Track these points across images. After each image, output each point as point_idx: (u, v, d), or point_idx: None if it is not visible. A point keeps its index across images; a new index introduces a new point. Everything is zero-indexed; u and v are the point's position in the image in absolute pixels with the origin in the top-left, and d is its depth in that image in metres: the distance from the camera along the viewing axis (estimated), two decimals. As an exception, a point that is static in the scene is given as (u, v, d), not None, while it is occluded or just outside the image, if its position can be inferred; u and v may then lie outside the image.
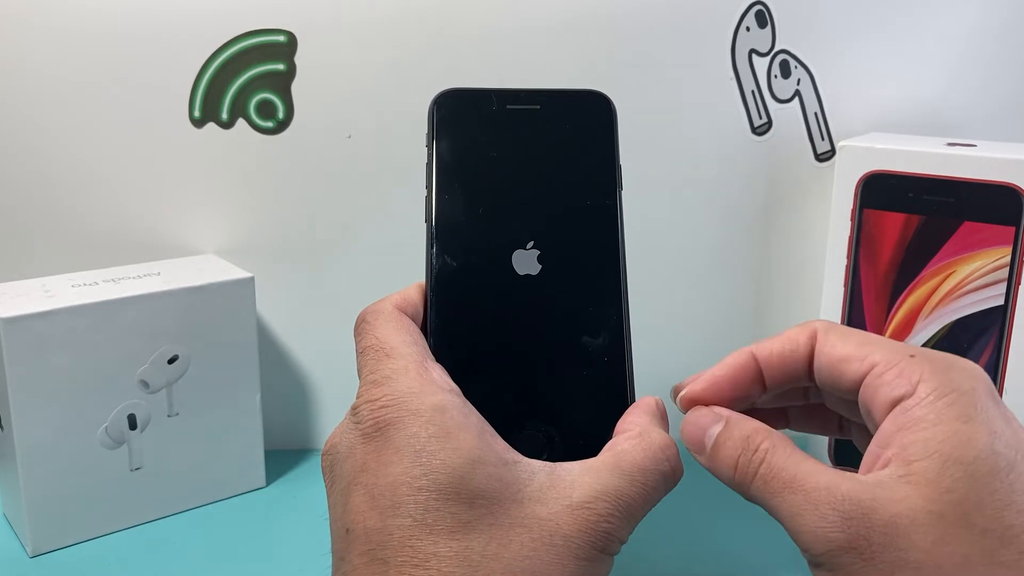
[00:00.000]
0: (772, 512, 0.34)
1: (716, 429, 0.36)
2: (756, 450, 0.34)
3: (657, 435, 0.35)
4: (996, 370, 0.56)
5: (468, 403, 0.35)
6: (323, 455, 0.36)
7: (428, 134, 0.41)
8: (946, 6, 0.65)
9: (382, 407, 0.34)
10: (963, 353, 0.57)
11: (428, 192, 0.41)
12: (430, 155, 0.41)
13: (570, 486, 0.33)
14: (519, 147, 0.41)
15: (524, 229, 0.40)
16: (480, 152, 0.41)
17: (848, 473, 0.33)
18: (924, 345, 0.59)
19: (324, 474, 0.36)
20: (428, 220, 0.40)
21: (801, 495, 0.32)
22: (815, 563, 0.32)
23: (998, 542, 0.30)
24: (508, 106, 0.42)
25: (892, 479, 0.32)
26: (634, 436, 0.35)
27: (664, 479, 0.35)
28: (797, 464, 0.33)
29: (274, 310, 0.68)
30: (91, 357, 0.56)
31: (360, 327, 0.38)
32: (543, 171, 0.41)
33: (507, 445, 0.34)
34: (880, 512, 0.31)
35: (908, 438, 0.32)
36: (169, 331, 0.59)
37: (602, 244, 0.40)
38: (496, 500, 0.32)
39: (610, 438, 0.36)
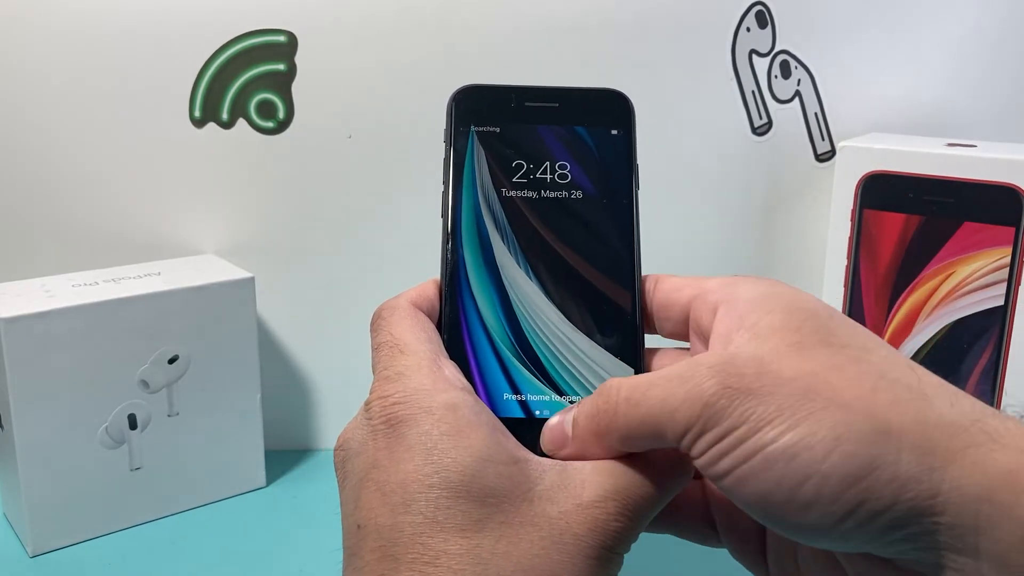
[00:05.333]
0: (642, 434, 0.32)
1: (568, 416, 0.35)
2: (610, 394, 0.33)
3: None
4: (996, 370, 0.56)
5: (480, 401, 0.35)
6: (336, 450, 0.36)
7: (446, 130, 0.41)
8: (946, 7, 0.65)
9: (394, 404, 0.34)
10: (963, 353, 0.57)
11: (445, 187, 0.41)
12: (448, 151, 0.41)
13: (580, 485, 0.33)
14: (537, 144, 0.41)
15: (540, 226, 0.40)
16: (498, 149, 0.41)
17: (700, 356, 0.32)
18: (924, 346, 0.59)
19: (336, 469, 0.36)
20: (444, 216, 0.40)
21: (662, 388, 0.31)
22: (698, 433, 0.30)
23: (861, 351, 0.30)
24: (527, 103, 0.42)
25: (745, 340, 0.32)
26: None
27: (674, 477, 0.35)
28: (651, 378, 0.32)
29: (274, 310, 0.68)
30: (91, 357, 0.56)
31: (375, 323, 0.38)
32: (560, 169, 0.41)
33: (518, 443, 0.34)
34: (743, 355, 0.31)
35: (745, 312, 0.32)
36: (169, 331, 0.59)
37: (618, 242, 0.40)
38: (506, 498, 0.32)
39: None
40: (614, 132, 0.42)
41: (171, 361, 0.59)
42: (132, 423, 0.59)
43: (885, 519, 0.27)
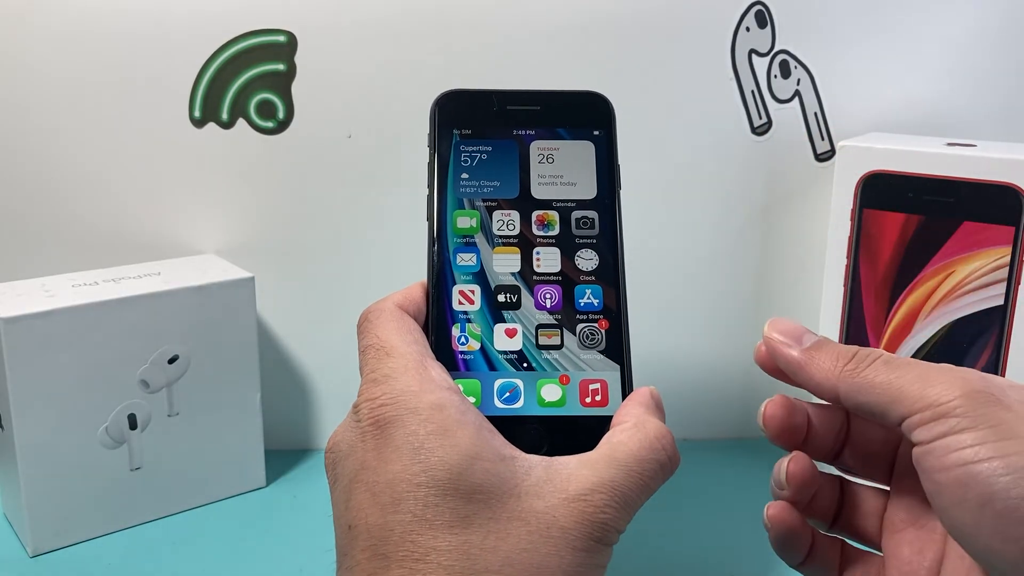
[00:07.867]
0: (867, 401, 0.34)
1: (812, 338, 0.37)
2: (865, 357, 0.35)
3: (652, 425, 0.36)
4: (996, 370, 0.56)
5: (467, 400, 0.35)
6: (326, 453, 0.37)
7: (430, 134, 0.42)
8: (946, 7, 0.65)
9: (381, 405, 0.34)
10: (963, 353, 0.57)
11: (430, 191, 0.41)
12: (432, 155, 0.42)
13: (566, 479, 0.33)
14: (520, 147, 0.42)
15: (524, 226, 0.41)
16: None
17: None
18: (923, 346, 0.59)
19: (327, 471, 0.36)
20: (430, 219, 0.41)
21: (922, 366, 0.33)
22: (935, 416, 0.32)
23: None
24: (508, 107, 0.42)
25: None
26: (629, 427, 0.35)
27: (660, 468, 0.35)
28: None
29: (274, 310, 0.68)
30: (91, 357, 0.56)
31: (362, 326, 0.38)
32: (543, 172, 0.42)
33: (505, 441, 0.35)
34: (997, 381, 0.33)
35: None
36: (169, 331, 0.59)
37: (601, 241, 0.41)
38: (494, 495, 0.32)
39: (607, 431, 0.36)
40: (595, 133, 0.42)
41: (171, 361, 0.60)
42: (132, 423, 0.59)
43: None
